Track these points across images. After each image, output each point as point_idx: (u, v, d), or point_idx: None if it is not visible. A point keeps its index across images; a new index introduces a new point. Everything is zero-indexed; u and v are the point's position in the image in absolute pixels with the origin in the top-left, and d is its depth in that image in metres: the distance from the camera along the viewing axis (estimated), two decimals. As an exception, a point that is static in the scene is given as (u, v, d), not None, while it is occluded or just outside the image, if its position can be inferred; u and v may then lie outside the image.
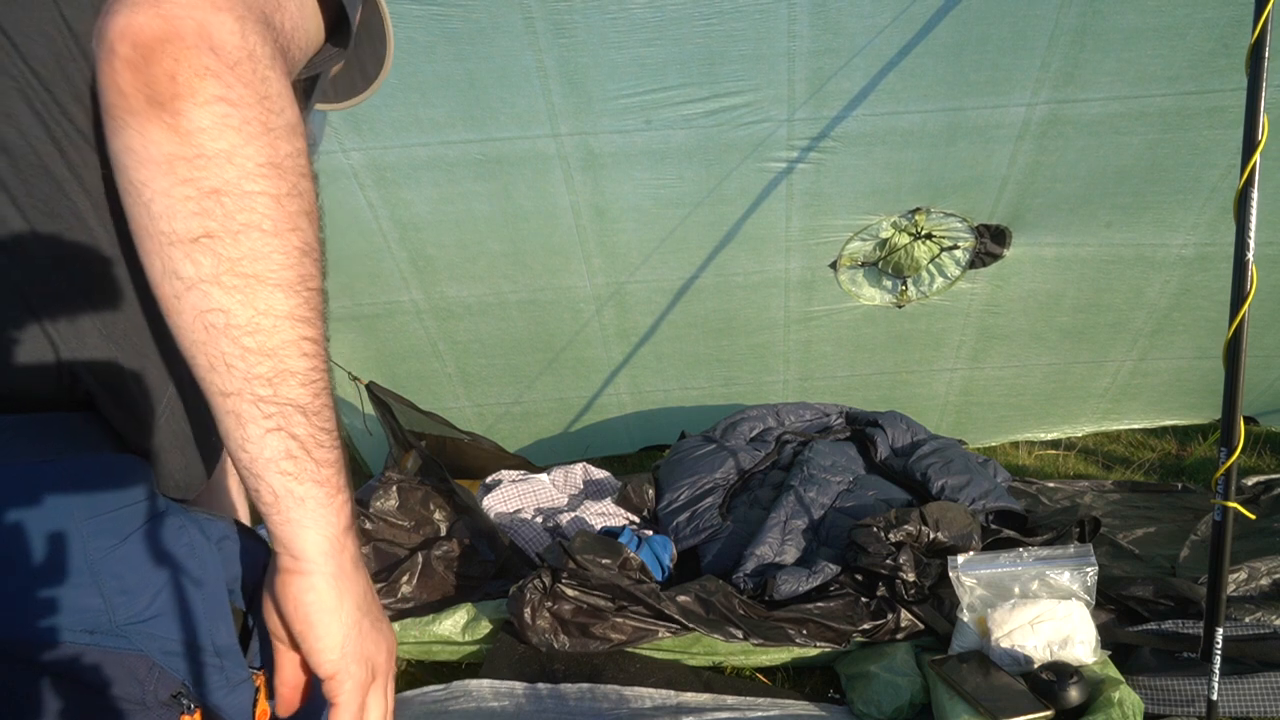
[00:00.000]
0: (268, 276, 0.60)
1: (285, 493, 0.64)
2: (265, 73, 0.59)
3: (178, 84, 0.56)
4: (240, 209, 0.58)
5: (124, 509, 0.69)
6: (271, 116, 0.59)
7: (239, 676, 0.75)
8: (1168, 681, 1.98)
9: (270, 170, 0.59)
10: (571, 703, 2.05)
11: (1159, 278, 2.96)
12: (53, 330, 0.67)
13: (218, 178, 0.57)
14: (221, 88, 0.57)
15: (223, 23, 0.57)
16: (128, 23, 0.55)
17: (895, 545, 2.25)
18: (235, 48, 0.57)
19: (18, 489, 0.65)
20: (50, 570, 0.65)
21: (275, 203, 0.60)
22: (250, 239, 0.59)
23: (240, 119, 0.58)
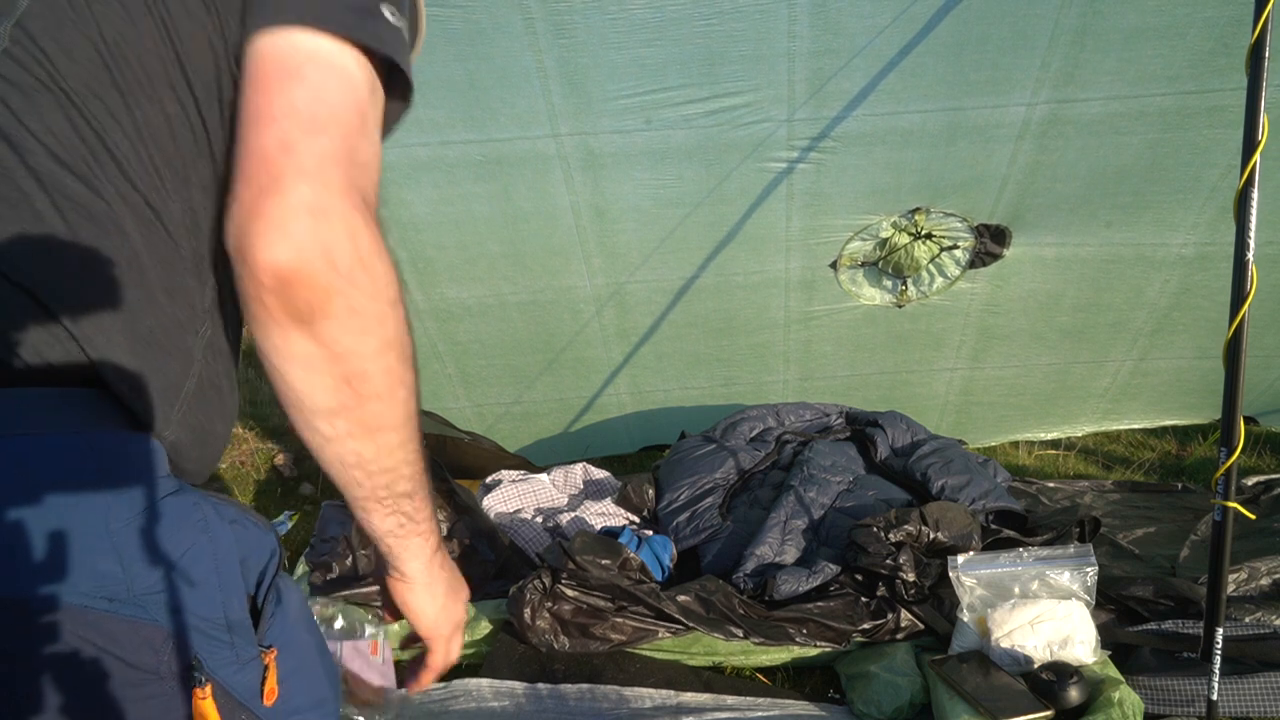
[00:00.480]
0: (385, 425, 0.77)
1: (397, 545, 0.87)
2: (373, 263, 0.72)
3: (313, 307, 0.69)
4: (366, 384, 0.74)
5: (143, 484, 0.73)
6: (381, 303, 0.73)
7: (248, 654, 0.79)
8: (1168, 681, 1.98)
9: (383, 349, 0.74)
10: (571, 703, 2.05)
11: (1159, 277, 2.96)
12: (76, 324, 0.72)
13: (346, 368, 0.72)
14: (345, 300, 0.70)
15: (339, 242, 0.69)
16: (269, 257, 0.67)
17: (895, 545, 2.25)
18: (351, 262, 0.70)
19: (45, 459, 0.70)
20: (73, 537, 0.69)
21: (388, 373, 0.75)
22: (372, 405, 0.75)
23: (360, 321, 0.72)
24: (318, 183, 0.69)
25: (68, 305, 0.72)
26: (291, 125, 0.69)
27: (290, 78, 0.71)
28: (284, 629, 0.84)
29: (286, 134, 0.69)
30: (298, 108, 0.70)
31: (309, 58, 0.72)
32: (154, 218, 0.76)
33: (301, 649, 0.89)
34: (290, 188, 0.68)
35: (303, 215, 0.68)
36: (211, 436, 0.83)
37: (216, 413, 0.84)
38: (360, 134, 0.73)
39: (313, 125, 0.70)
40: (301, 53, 0.72)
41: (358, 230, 0.70)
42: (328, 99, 0.71)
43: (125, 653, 0.70)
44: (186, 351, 0.79)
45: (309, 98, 0.71)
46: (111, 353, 0.73)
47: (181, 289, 0.78)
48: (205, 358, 0.81)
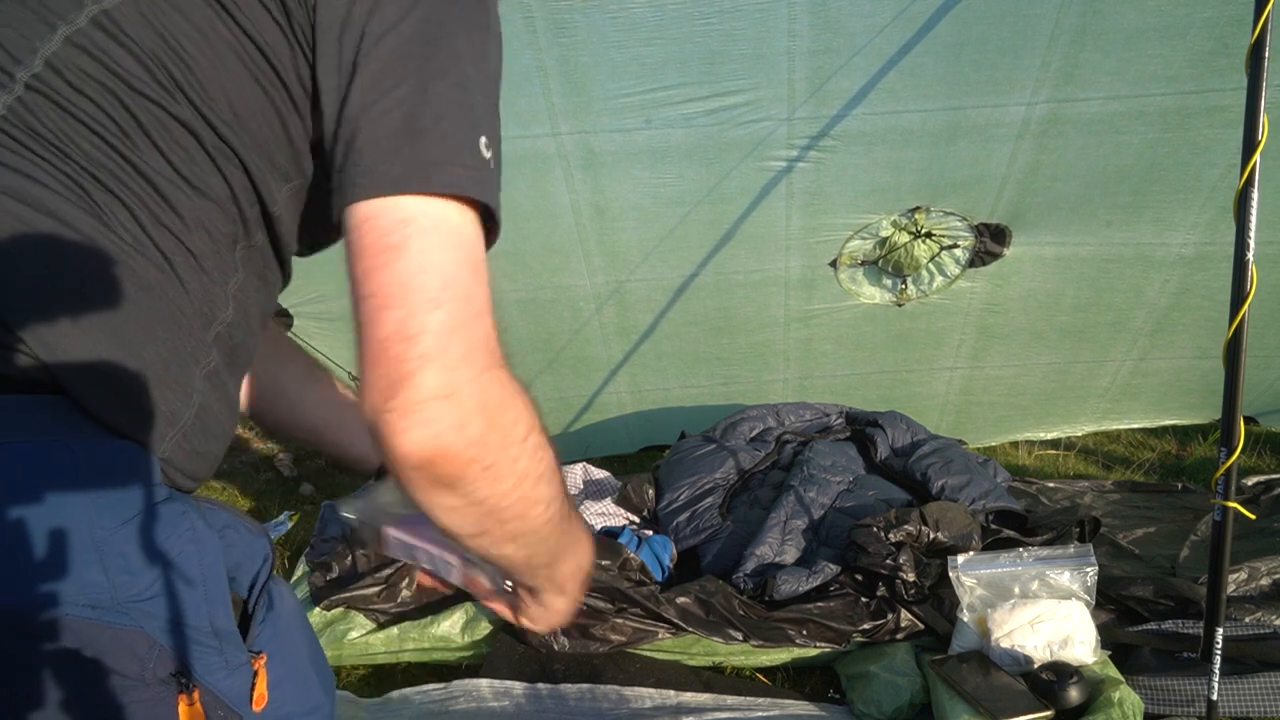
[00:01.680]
0: (526, 532, 0.84)
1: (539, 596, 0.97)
2: (503, 416, 0.76)
3: (454, 478, 0.74)
4: (502, 514, 0.80)
5: (130, 492, 0.72)
6: (513, 448, 0.78)
7: (238, 660, 0.78)
8: (1168, 681, 1.98)
9: (518, 483, 0.79)
10: (571, 703, 2.05)
11: (1159, 277, 2.96)
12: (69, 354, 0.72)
13: (486, 508, 0.78)
14: (482, 465, 0.75)
15: (469, 412, 0.72)
16: (407, 449, 0.71)
17: (895, 545, 2.25)
18: (482, 429, 0.74)
19: (29, 466, 0.69)
20: (56, 545, 0.68)
21: (524, 499, 0.81)
22: (511, 525, 0.82)
23: (494, 472, 0.77)
24: (442, 364, 0.71)
25: (60, 333, 0.71)
26: (405, 308, 0.70)
27: (395, 251, 0.71)
28: (275, 634, 0.84)
29: (403, 321, 0.70)
30: (409, 286, 0.71)
31: (412, 226, 0.72)
32: (163, 258, 0.76)
33: (294, 654, 0.88)
34: (417, 379, 0.70)
35: (432, 403, 0.70)
36: (205, 456, 0.83)
37: (213, 434, 0.83)
38: (473, 283, 0.74)
39: (426, 302, 0.71)
40: (403, 220, 0.72)
41: (487, 394, 0.74)
42: (436, 268, 0.72)
43: (109, 660, 0.69)
44: (187, 383, 0.78)
45: (417, 270, 0.71)
46: (104, 386, 0.73)
47: (186, 324, 0.78)
48: (206, 388, 0.81)
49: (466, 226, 0.75)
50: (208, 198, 0.78)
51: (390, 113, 0.74)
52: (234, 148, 0.78)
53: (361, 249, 0.72)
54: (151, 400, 0.75)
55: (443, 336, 0.71)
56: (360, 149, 0.74)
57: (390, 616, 2.29)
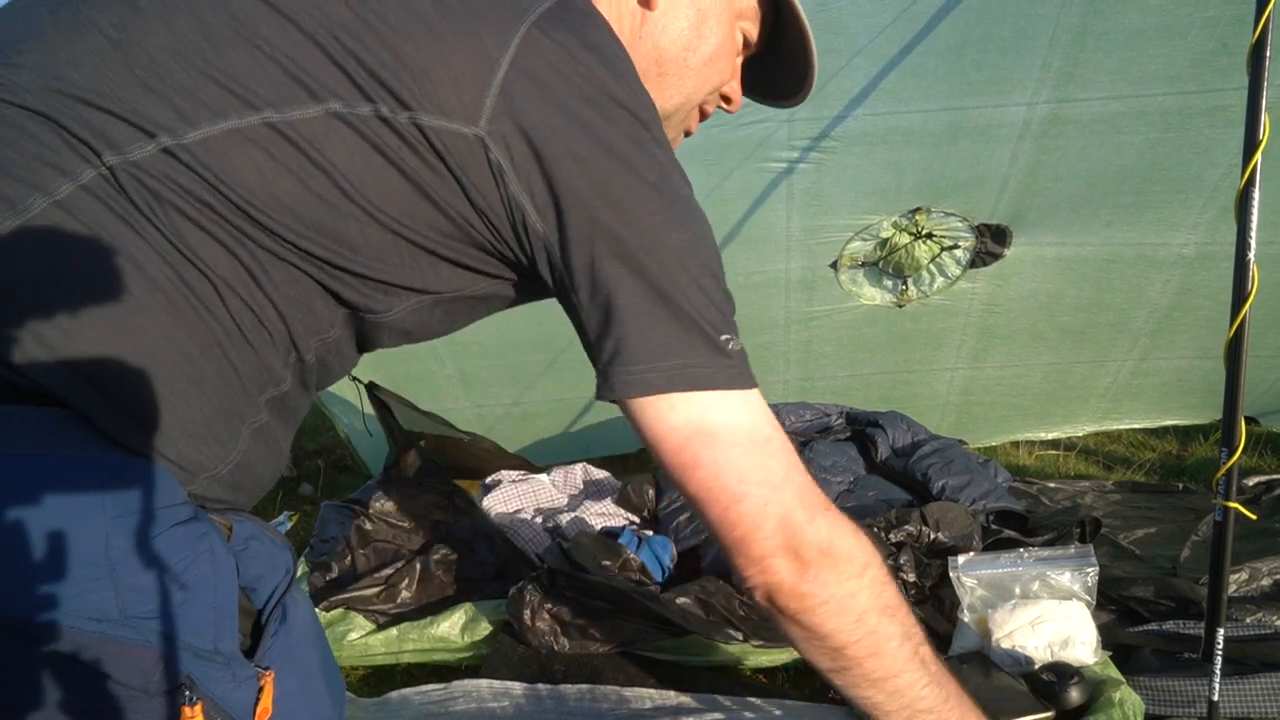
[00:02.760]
0: (886, 674, 0.92)
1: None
2: (835, 554, 0.87)
3: (796, 611, 0.88)
4: (852, 650, 0.90)
5: (148, 511, 0.73)
6: (849, 583, 0.88)
7: (245, 673, 0.78)
8: (1169, 682, 1.97)
9: (860, 619, 0.90)
10: (571, 703, 2.05)
11: (1160, 277, 2.96)
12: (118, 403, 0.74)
13: (831, 643, 0.90)
14: (817, 598, 0.87)
15: (810, 567, 0.86)
16: (758, 594, 0.88)
17: (896, 545, 2.25)
18: (817, 570, 0.87)
19: (51, 479, 0.69)
20: (69, 559, 0.68)
21: (871, 635, 0.90)
22: (866, 662, 0.91)
23: (832, 608, 0.88)
24: (779, 542, 0.85)
25: (117, 374, 0.73)
26: (733, 513, 0.84)
27: (697, 465, 0.83)
28: (287, 648, 0.83)
29: (736, 524, 0.84)
30: (726, 489, 0.83)
31: (705, 437, 0.83)
32: (235, 325, 0.78)
33: (305, 667, 0.87)
34: (770, 564, 0.86)
35: (785, 572, 0.86)
36: (231, 503, 0.84)
37: (243, 490, 0.85)
38: (769, 448, 0.85)
39: (744, 498, 0.83)
40: (693, 433, 0.83)
41: (819, 539, 0.86)
42: (738, 465, 0.83)
43: (113, 671, 0.69)
44: (230, 439, 0.80)
45: (725, 471, 0.83)
46: (145, 428, 0.75)
47: (240, 385, 0.80)
48: (250, 444, 0.82)
49: (742, 407, 0.85)
50: (285, 294, 0.80)
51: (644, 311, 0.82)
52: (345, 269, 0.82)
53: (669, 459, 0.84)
54: (185, 446, 0.77)
55: (766, 516, 0.84)
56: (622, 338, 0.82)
57: (390, 617, 2.29)
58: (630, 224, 0.80)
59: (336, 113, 0.75)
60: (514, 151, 0.78)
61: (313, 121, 0.75)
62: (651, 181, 0.81)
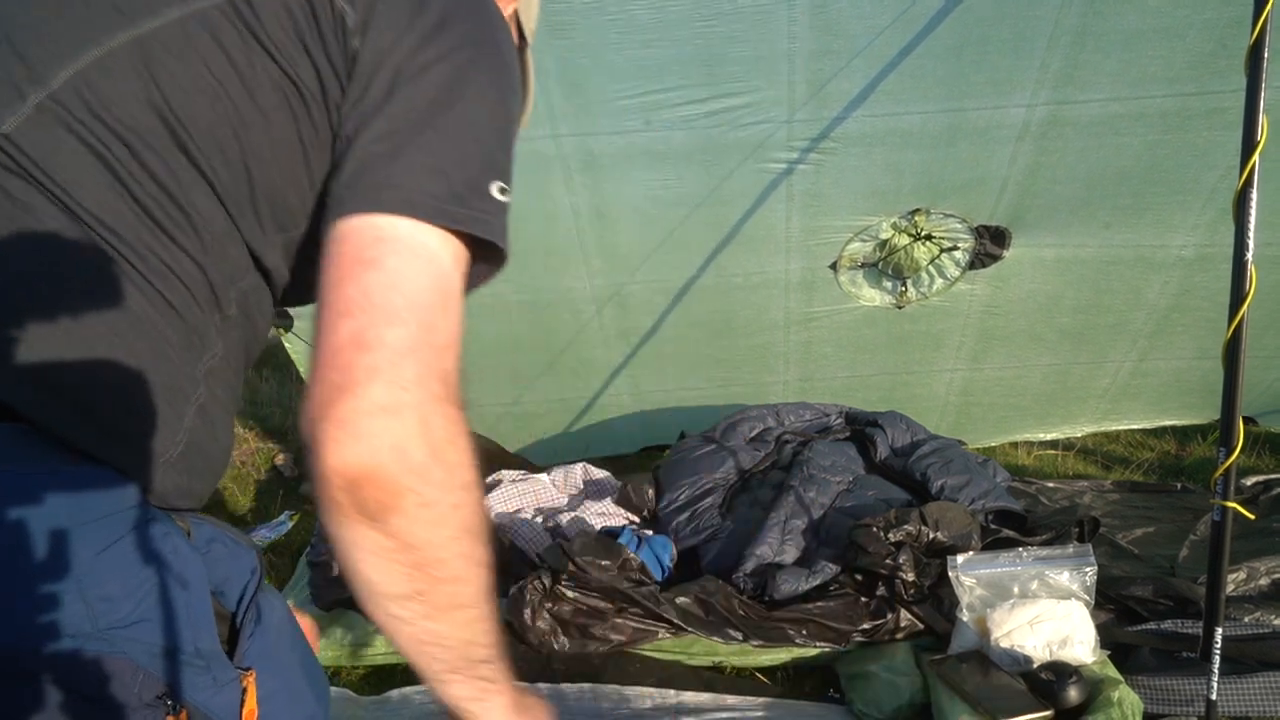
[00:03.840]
0: (460, 604, 0.77)
1: (480, 709, 0.84)
2: (447, 452, 0.72)
3: (384, 505, 0.69)
4: (438, 571, 0.74)
5: (108, 517, 0.71)
6: (455, 492, 0.73)
7: (226, 677, 0.77)
8: (1167, 681, 1.98)
9: (457, 535, 0.74)
10: (571, 703, 2.05)
11: (1159, 279, 2.96)
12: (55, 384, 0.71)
13: (419, 557, 0.72)
14: (417, 497, 0.70)
15: (412, 437, 0.69)
16: (338, 461, 0.67)
17: (895, 545, 2.25)
18: (423, 457, 0.70)
19: (4, 495, 0.67)
20: (33, 576, 0.66)
21: (462, 558, 0.75)
22: (446, 588, 0.75)
23: (432, 514, 0.71)
24: (392, 379, 0.68)
25: (44, 361, 0.70)
26: (366, 319, 0.69)
27: (368, 266, 0.71)
28: (265, 648, 0.83)
29: (361, 329, 0.69)
30: (373, 299, 0.70)
31: (389, 243, 0.72)
32: (155, 291, 0.75)
33: (285, 667, 0.87)
34: (363, 388, 0.67)
35: (375, 415, 0.67)
36: (189, 493, 0.82)
37: (198, 474, 0.82)
38: (441, 314, 0.73)
39: (388, 317, 0.69)
40: (382, 239, 0.72)
41: (433, 420, 0.71)
42: (406, 286, 0.71)
43: (93, 688, 0.68)
44: (177, 417, 0.78)
45: (385, 286, 0.70)
46: (88, 416, 0.72)
47: (176, 358, 0.77)
48: (196, 424, 0.80)
49: (446, 259, 0.74)
50: (202, 238, 0.78)
51: (402, 148, 0.74)
52: (237, 196, 0.78)
53: (336, 261, 0.72)
54: (136, 433, 0.75)
55: (398, 353, 0.69)
56: (362, 174, 0.74)
57: (391, 617, 2.29)
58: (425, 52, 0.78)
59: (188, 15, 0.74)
60: None
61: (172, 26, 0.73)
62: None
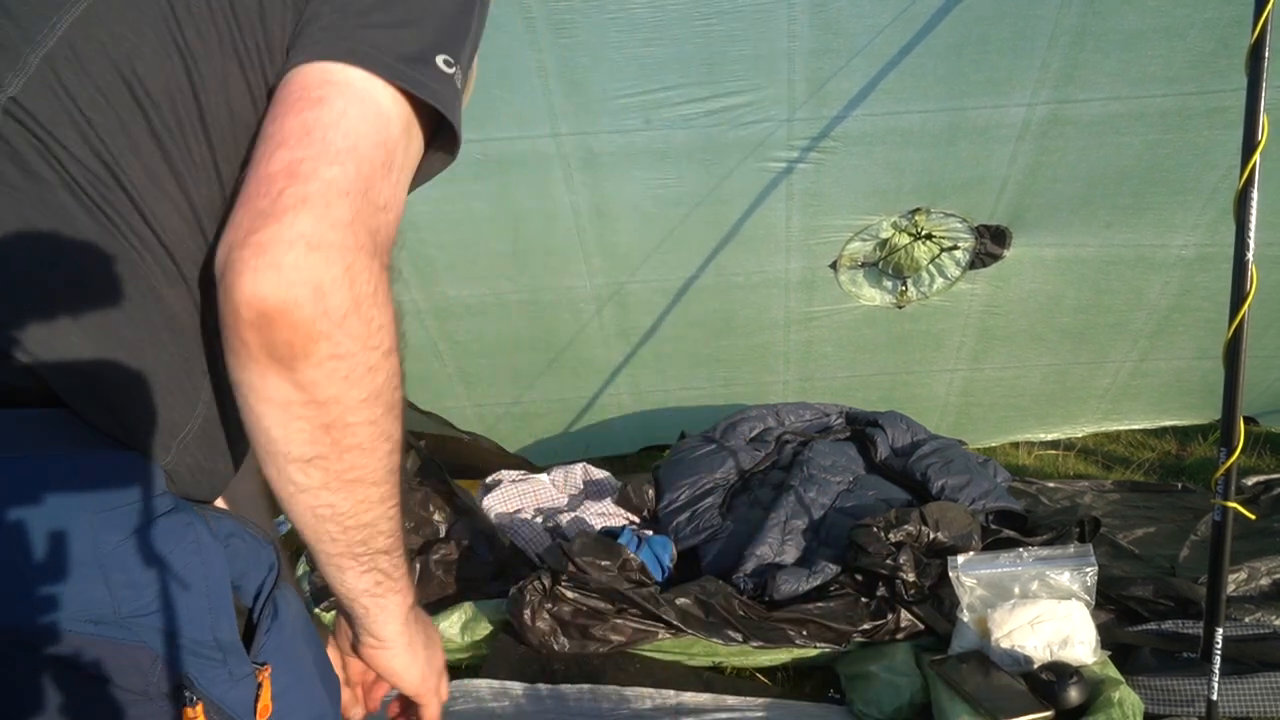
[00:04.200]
0: (364, 479, 0.72)
1: (373, 605, 0.81)
2: (369, 309, 0.67)
3: (295, 348, 0.64)
4: (345, 436, 0.69)
5: (131, 505, 0.71)
6: (373, 353, 0.68)
7: (242, 671, 0.77)
8: (1168, 682, 1.98)
9: (370, 400, 0.69)
10: (571, 703, 2.05)
11: (1159, 278, 2.96)
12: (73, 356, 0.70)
13: (327, 416, 0.67)
14: (332, 347, 0.65)
15: (334, 280, 0.64)
16: (254, 290, 0.63)
17: (895, 545, 2.25)
18: (343, 304, 0.65)
19: (28, 482, 0.67)
20: (57, 561, 0.67)
21: (373, 425, 0.70)
22: (352, 455, 0.70)
23: (347, 368, 0.67)
24: (321, 213, 0.64)
25: (58, 336, 0.69)
26: (305, 151, 0.65)
27: (313, 103, 0.67)
28: (280, 644, 0.82)
29: (298, 159, 0.65)
30: (314, 134, 0.66)
31: (337, 86, 0.68)
32: (169, 259, 0.73)
33: (299, 663, 0.86)
34: (290, 215, 0.63)
35: (298, 247, 0.63)
36: (211, 474, 0.81)
37: (219, 452, 0.81)
38: (382, 173, 0.69)
39: (326, 152, 0.65)
40: (330, 80, 0.68)
41: (358, 270, 0.66)
42: (349, 128, 0.67)
43: (113, 674, 0.68)
44: (193, 392, 0.77)
45: (328, 123, 0.66)
46: (104, 390, 0.71)
47: (192, 330, 0.76)
48: (213, 400, 0.79)
49: (396, 121, 0.70)
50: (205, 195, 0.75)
51: (357, 7, 0.72)
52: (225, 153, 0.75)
53: (281, 99, 0.68)
54: (153, 406, 0.73)
55: (332, 189, 0.65)
56: (313, 25, 0.71)
57: (390, 617, 2.29)
58: None
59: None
60: None
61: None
62: None
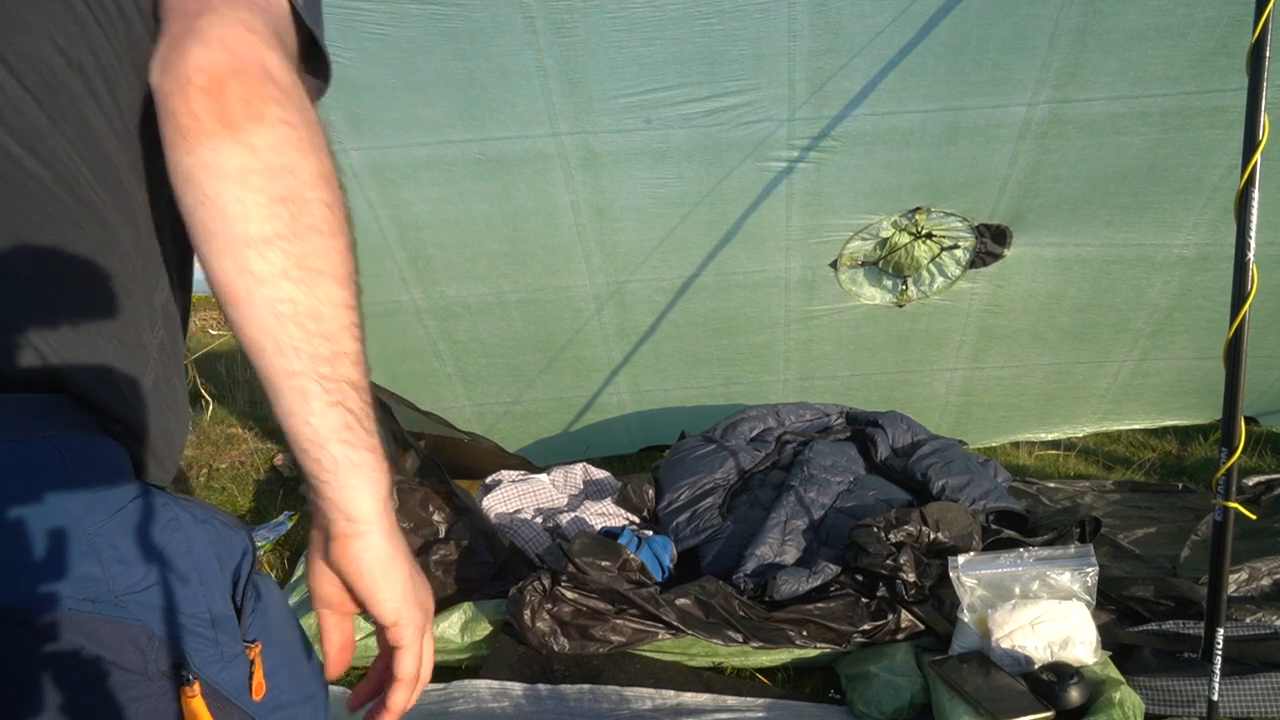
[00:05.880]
0: (326, 270, 0.69)
1: (344, 460, 0.71)
2: (306, 102, 0.69)
3: (248, 108, 0.65)
4: (303, 212, 0.68)
5: (114, 485, 0.73)
6: (319, 137, 0.69)
7: (233, 650, 0.77)
8: (1168, 682, 1.98)
9: (323, 181, 0.69)
10: (571, 703, 2.05)
11: (1160, 278, 2.96)
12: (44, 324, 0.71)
13: (285, 186, 0.67)
14: (283, 111, 0.67)
15: (278, 59, 0.67)
16: (203, 58, 0.64)
17: (895, 545, 2.25)
18: (288, 80, 0.68)
19: (14, 464, 0.68)
20: (51, 540, 0.67)
21: (328, 209, 0.70)
22: (312, 239, 0.68)
23: (299, 138, 0.67)
24: (248, 8, 0.67)
25: (36, 305, 0.70)
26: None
27: None
28: (266, 623, 0.83)
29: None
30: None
31: None
32: (106, 214, 0.74)
33: (287, 644, 0.87)
34: (223, 6, 0.66)
35: (237, 28, 0.65)
36: (169, 436, 0.82)
37: (172, 413, 0.82)
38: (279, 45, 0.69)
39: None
40: None
41: (291, 67, 0.69)
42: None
43: (113, 654, 0.69)
44: (144, 348, 0.78)
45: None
46: (77, 349, 0.72)
47: (138, 285, 0.77)
48: (160, 357, 0.80)
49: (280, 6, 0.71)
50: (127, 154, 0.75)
51: None
52: None
53: None
54: (117, 360, 0.74)
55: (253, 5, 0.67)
56: None
57: (390, 617, 2.29)
58: None
59: None
60: None
61: None
62: None
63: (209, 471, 3.53)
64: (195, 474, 3.51)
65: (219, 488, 3.39)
